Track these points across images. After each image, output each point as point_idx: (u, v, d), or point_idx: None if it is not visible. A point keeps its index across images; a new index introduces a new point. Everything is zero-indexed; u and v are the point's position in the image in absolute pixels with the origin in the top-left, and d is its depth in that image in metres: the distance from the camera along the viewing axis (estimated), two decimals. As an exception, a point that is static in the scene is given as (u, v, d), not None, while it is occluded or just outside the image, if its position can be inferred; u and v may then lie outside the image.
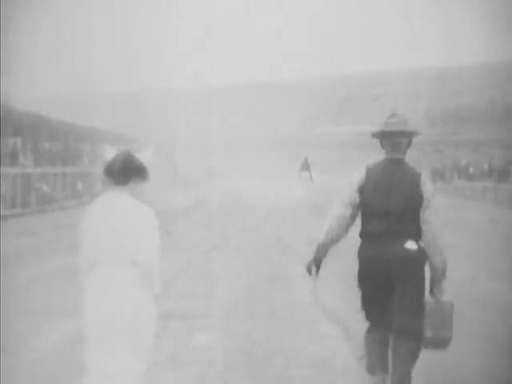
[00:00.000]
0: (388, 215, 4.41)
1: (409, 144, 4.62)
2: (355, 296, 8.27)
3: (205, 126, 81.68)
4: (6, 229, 17.77)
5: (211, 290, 8.78)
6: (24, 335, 6.60)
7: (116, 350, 3.67)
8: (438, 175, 43.61)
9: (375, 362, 4.55)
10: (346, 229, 4.56)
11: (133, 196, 3.94)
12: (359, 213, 4.57)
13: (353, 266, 4.62)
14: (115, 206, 3.85)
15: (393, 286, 4.44)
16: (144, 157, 4.05)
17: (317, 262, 4.65)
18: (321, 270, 5.64)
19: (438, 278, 4.48)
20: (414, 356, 4.46)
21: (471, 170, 42.79)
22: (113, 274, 3.72)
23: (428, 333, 4.45)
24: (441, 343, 4.53)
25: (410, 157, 4.70)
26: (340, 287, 8.88)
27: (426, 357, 5.77)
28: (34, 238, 15.29)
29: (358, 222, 4.60)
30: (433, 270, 4.47)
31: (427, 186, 4.47)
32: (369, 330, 4.65)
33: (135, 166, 3.96)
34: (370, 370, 4.58)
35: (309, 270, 4.67)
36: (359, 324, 6.89)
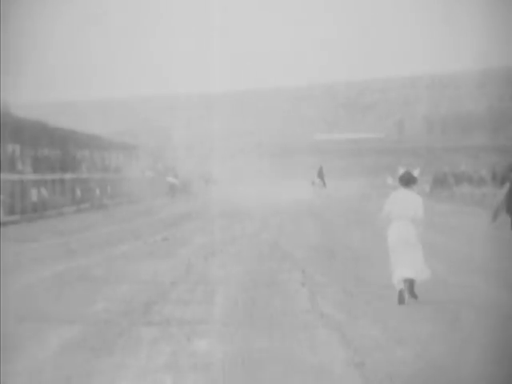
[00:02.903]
0: None
1: None
2: (353, 303, 8.30)
3: (204, 132, 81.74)
4: (5, 235, 17.77)
5: (210, 295, 8.78)
6: (23, 341, 6.59)
7: (408, 257, 8.26)
8: (438, 182, 43.66)
9: None
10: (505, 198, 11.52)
11: (413, 191, 8.50)
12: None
13: (351, 273, 4.64)
14: (406, 195, 8.42)
15: None
16: (416, 173, 8.52)
17: (496, 214, 10.75)
18: (320, 277, 5.70)
19: None
20: None
21: (471, 175, 42.75)
22: (403, 223, 8.32)
23: None
24: None
25: (407, 163, 4.76)
26: (338, 294, 8.88)
27: (426, 358, 5.78)
28: (33, 244, 15.29)
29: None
30: None
31: None
32: None
33: (413, 178, 8.48)
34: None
35: (493, 219, 10.98)
36: (357, 330, 6.90)
